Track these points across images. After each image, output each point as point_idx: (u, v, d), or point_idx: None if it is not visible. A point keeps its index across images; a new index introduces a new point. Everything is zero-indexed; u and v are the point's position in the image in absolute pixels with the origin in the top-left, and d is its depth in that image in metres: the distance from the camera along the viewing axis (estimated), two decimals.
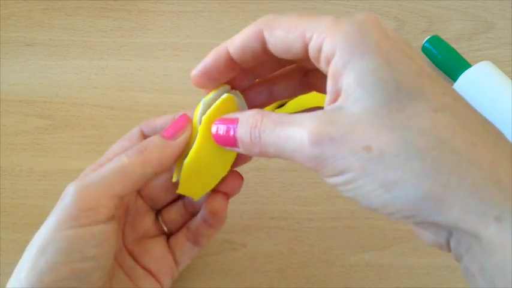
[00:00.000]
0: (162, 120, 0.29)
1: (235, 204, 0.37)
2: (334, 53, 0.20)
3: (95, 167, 0.27)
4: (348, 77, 0.20)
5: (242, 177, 0.30)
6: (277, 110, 0.39)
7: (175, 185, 0.28)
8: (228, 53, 0.24)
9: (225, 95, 0.26)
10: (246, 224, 0.36)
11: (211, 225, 0.30)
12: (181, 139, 0.26)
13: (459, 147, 0.18)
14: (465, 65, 0.39)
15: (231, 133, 0.23)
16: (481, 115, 0.20)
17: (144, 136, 0.28)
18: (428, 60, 0.41)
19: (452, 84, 0.39)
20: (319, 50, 0.21)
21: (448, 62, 0.40)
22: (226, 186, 0.29)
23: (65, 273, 0.23)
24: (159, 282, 0.29)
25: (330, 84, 0.21)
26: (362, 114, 0.19)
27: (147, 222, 0.30)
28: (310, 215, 0.36)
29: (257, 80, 0.28)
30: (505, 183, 0.18)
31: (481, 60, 0.39)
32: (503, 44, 0.44)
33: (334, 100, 0.21)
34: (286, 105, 0.39)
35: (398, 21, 0.44)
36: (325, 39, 0.20)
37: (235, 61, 0.24)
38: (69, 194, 0.24)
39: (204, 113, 0.26)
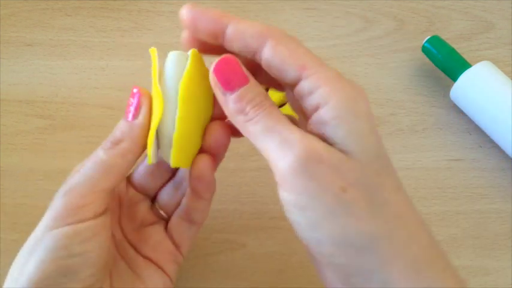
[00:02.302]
0: None
1: (235, 204, 0.37)
2: (326, 103, 0.22)
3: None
4: (339, 128, 0.21)
5: (226, 126, 0.27)
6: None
7: (162, 165, 0.28)
8: (225, 27, 0.23)
9: (189, 52, 0.25)
10: (246, 224, 0.36)
11: (199, 195, 0.28)
12: (142, 114, 0.26)
13: (409, 225, 0.22)
14: (465, 65, 0.39)
15: (233, 84, 0.23)
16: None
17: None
18: (427, 60, 0.41)
19: (452, 85, 0.39)
20: (310, 93, 0.22)
21: (448, 62, 0.40)
22: (207, 143, 0.27)
23: (50, 270, 0.23)
24: (161, 269, 0.29)
25: (314, 124, 0.22)
26: (350, 161, 0.21)
27: (142, 210, 0.30)
28: None
29: None
30: (437, 262, 0.22)
31: (481, 60, 0.39)
32: (503, 44, 0.44)
33: (321, 136, 0.22)
34: (285, 106, 0.39)
35: (398, 21, 0.45)
36: (322, 86, 0.22)
37: (224, 36, 0.24)
38: (57, 197, 0.24)
39: (160, 76, 0.25)
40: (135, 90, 0.26)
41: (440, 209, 0.37)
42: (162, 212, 0.30)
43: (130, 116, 0.26)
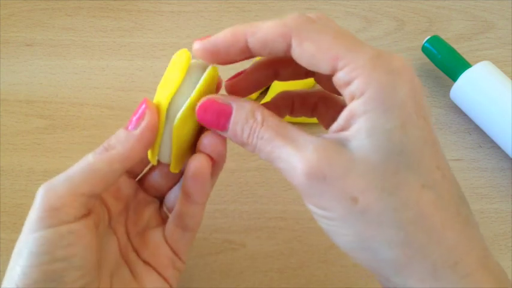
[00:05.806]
0: None
1: (235, 204, 0.37)
2: (361, 94, 0.21)
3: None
4: (363, 124, 0.20)
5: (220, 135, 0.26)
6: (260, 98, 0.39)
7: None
8: (246, 42, 0.23)
9: (209, 68, 0.25)
10: (246, 224, 0.36)
11: (191, 199, 0.27)
12: (143, 127, 0.25)
13: (431, 227, 0.20)
14: (465, 65, 0.39)
15: (222, 122, 0.24)
16: (459, 195, 0.22)
17: None
18: (428, 61, 0.41)
19: (452, 85, 0.39)
20: (347, 83, 0.21)
21: (448, 62, 0.40)
22: (203, 145, 0.26)
23: (36, 276, 0.23)
24: (161, 275, 0.28)
25: (344, 115, 0.21)
26: (360, 164, 0.20)
27: (149, 212, 0.29)
28: (310, 215, 0.36)
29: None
30: (461, 266, 0.20)
31: (481, 60, 0.39)
32: (503, 44, 0.44)
33: (342, 129, 0.21)
34: (268, 91, 0.40)
35: (398, 21, 0.44)
36: (357, 77, 0.21)
37: (250, 50, 0.23)
38: (38, 196, 0.24)
39: (172, 93, 0.25)
40: (143, 103, 0.25)
41: None
42: (169, 214, 0.30)
43: (131, 125, 0.25)
